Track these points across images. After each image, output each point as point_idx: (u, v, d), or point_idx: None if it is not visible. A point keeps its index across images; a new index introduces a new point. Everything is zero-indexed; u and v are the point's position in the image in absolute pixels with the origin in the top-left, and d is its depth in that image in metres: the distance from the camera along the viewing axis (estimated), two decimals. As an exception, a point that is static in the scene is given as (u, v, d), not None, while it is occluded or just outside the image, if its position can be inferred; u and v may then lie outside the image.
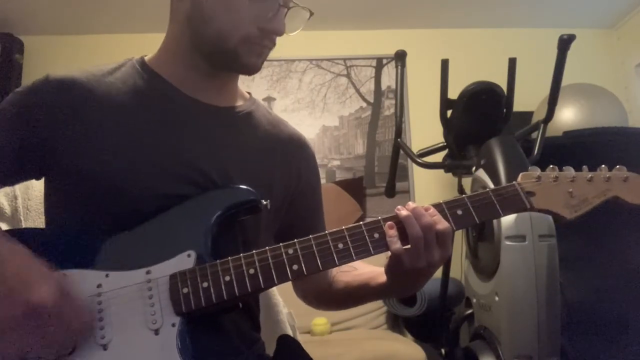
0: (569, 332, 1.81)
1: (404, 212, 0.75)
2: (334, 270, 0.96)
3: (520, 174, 0.83)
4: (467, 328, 2.20)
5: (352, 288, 0.91)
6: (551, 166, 0.83)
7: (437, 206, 0.78)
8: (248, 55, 0.82)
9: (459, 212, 0.78)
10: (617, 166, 0.84)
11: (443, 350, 2.16)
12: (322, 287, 0.96)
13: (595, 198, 0.81)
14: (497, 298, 1.74)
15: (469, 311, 2.08)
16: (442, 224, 0.75)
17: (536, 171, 0.82)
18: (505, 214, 0.79)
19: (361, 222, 0.77)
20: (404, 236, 0.75)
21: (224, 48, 0.81)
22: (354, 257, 0.75)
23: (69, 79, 0.81)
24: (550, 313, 1.63)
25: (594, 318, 2.00)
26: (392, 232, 0.75)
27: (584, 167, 0.84)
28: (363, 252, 0.75)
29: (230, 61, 0.83)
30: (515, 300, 1.66)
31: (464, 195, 0.79)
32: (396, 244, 0.74)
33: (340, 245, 0.75)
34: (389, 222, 0.76)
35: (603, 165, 0.84)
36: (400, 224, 0.75)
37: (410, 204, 0.76)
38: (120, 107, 0.81)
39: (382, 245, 0.75)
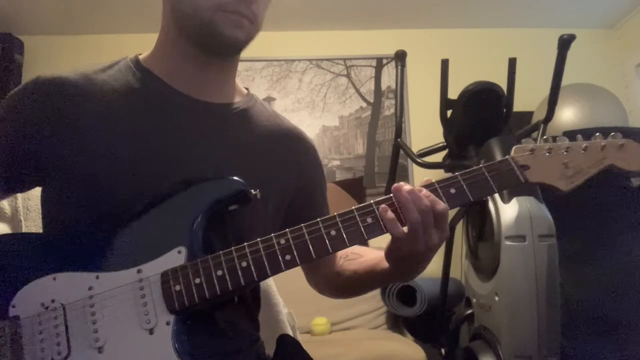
0: (569, 332, 1.81)
1: (402, 197, 0.73)
2: (340, 259, 0.96)
3: (514, 148, 0.80)
4: (467, 328, 2.19)
5: (359, 275, 0.91)
6: (545, 137, 0.81)
7: (430, 186, 0.76)
8: (225, 25, 0.79)
9: (452, 190, 0.76)
10: (612, 133, 0.80)
11: (443, 350, 2.16)
12: (331, 277, 0.96)
13: (591, 168, 0.78)
14: (497, 298, 1.74)
15: (469, 311, 2.08)
16: (439, 205, 0.73)
17: (530, 144, 0.80)
18: (499, 190, 0.78)
19: (353, 207, 0.74)
20: (399, 218, 0.73)
21: (201, 21, 0.79)
22: (347, 244, 0.73)
23: (59, 79, 0.80)
24: (550, 313, 1.63)
25: (594, 318, 1.99)
26: (390, 215, 0.73)
27: (578, 136, 0.81)
28: (356, 238, 0.73)
29: (210, 36, 0.80)
30: (515, 300, 1.66)
31: (456, 173, 0.76)
32: (397, 229, 0.72)
33: (333, 232, 0.73)
34: (383, 206, 0.74)
35: (598, 133, 0.80)
36: (393, 206, 0.73)
37: (405, 186, 0.74)
38: (111, 107, 0.80)
39: (375, 229, 0.73)
